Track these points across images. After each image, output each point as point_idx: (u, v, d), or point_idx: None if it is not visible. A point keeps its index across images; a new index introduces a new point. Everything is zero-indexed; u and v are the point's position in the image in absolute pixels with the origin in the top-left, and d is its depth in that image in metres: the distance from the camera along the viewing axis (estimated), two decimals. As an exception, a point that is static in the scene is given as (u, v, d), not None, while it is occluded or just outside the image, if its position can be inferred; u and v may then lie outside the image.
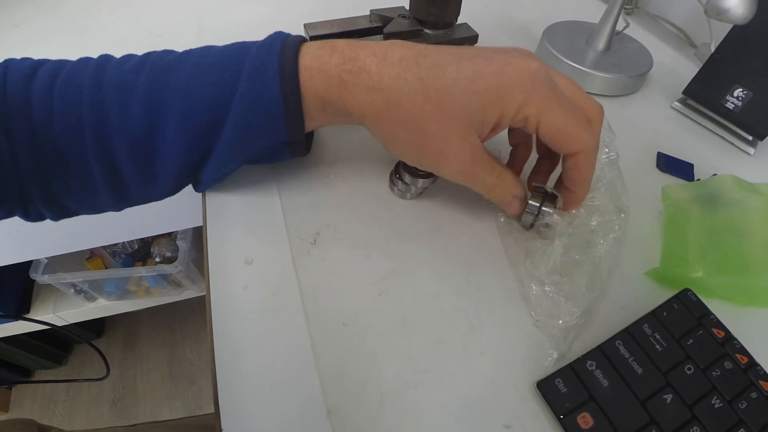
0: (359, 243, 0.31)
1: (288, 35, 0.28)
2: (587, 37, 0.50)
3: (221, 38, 0.56)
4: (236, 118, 0.26)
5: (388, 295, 0.28)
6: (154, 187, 0.30)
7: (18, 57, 0.56)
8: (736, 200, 0.31)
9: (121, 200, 0.31)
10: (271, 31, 0.28)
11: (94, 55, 0.29)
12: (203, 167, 0.29)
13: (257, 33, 0.29)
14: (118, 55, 0.29)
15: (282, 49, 0.26)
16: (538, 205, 0.30)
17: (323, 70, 0.26)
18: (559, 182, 0.31)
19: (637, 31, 0.60)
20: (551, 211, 0.29)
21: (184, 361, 1.45)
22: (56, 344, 1.32)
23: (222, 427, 0.23)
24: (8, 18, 0.64)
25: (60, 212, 0.31)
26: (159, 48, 0.49)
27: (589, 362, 0.25)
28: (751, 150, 0.43)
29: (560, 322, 0.27)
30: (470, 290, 0.29)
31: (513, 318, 0.28)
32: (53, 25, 0.62)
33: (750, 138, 0.43)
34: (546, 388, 0.24)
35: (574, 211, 0.30)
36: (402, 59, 0.25)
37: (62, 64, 0.28)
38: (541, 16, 0.59)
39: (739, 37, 0.40)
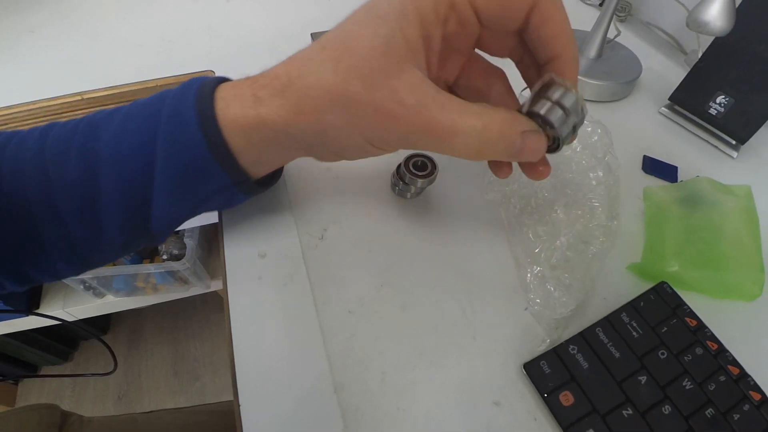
0: (363, 238, 0.33)
1: (209, 78, 0.27)
2: (580, 45, 0.52)
3: (231, 44, 0.58)
4: (162, 161, 0.25)
5: (388, 285, 0.31)
6: (102, 242, 0.28)
7: (34, 61, 0.58)
8: (711, 201, 0.34)
9: (75, 262, 0.30)
10: (278, 39, 0.29)
11: (110, 59, 0.30)
12: (148, 218, 0.27)
13: (266, 40, 0.31)
14: (133, 60, 0.31)
15: (199, 87, 0.25)
16: (546, 100, 0.23)
17: (237, 95, 0.24)
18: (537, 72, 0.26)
19: (629, 38, 0.63)
20: (560, 93, 0.23)
21: (188, 358, 1.47)
22: (62, 341, 1.34)
23: (240, 403, 0.25)
24: (23, 22, 0.66)
25: (21, 280, 0.30)
26: (173, 52, 0.51)
27: (571, 347, 0.27)
28: (734, 153, 0.45)
29: (557, 313, 0.29)
30: (464, 281, 0.31)
31: (502, 306, 0.31)
32: (68, 30, 0.64)
33: (733, 142, 0.45)
34: (532, 369, 0.27)
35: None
36: (308, 49, 0.23)
37: (15, 133, 0.28)
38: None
39: (721, 47, 0.43)
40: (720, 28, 0.37)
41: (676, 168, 0.42)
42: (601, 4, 0.51)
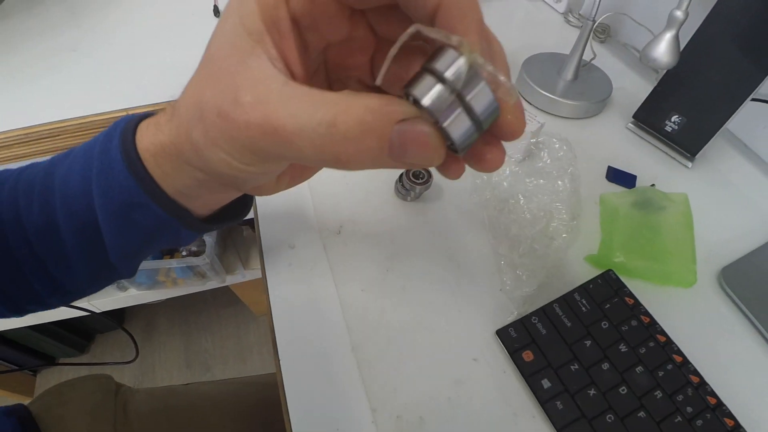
0: (371, 233, 0.41)
1: (135, 114, 0.26)
2: (559, 67, 0.60)
3: None
4: (98, 198, 0.25)
5: (393, 270, 0.39)
6: (74, 275, 0.30)
7: (80, 78, 0.64)
8: (655, 206, 0.42)
9: (59, 294, 0.31)
10: None
11: (150, 78, 0.34)
12: (105, 251, 0.27)
13: None
14: (171, 79, 0.33)
15: (125, 122, 0.25)
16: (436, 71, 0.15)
17: (150, 125, 0.24)
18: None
19: (607, 58, 0.70)
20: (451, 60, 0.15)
21: (200, 350, 1.53)
22: (80, 333, 1.40)
23: (279, 357, 0.33)
24: (65, 41, 0.74)
25: (16, 310, 0.32)
26: None
27: (533, 318, 0.36)
28: (689, 164, 0.53)
29: (522, 292, 0.37)
30: (452, 267, 0.40)
31: (482, 287, 0.39)
32: (108, 49, 0.71)
33: (687, 154, 0.53)
34: (502, 334, 0.35)
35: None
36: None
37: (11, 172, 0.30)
38: (526, 44, 0.69)
39: (675, 75, 0.51)
40: (666, 63, 0.45)
41: (635, 177, 0.50)
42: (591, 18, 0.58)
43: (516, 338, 0.35)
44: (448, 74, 0.15)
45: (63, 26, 0.77)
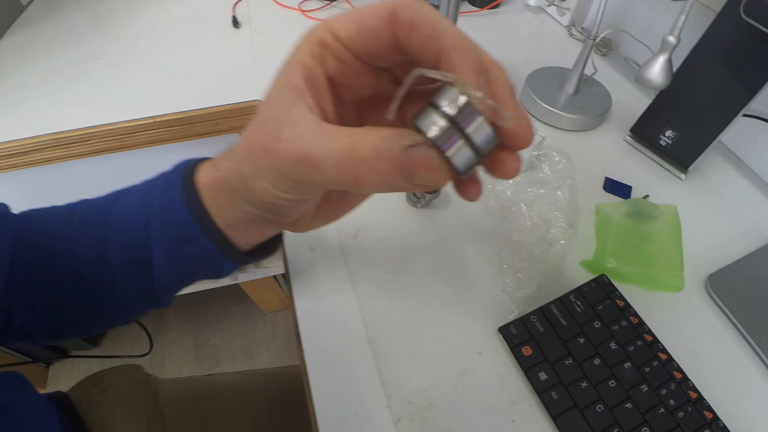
0: (385, 237, 0.45)
1: (194, 159, 0.30)
2: (561, 82, 0.64)
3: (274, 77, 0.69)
4: (156, 231, 0.28)
5: (404, 271, 0.43)
6: (117, 303, 0.32)
7: (106, 87, 0.67)
8: (646, 216, 0.45)
9: (99, 320, 0.34)
10: None
11: (173, 87, 0.36)
12: (152, 282, 0.30)
13: None
14: (193, 89, 0.37)
15: (186, 164, 0.29)
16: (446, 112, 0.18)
17: (209, 165, 0.28)
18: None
19: (607, 71, 0.74)
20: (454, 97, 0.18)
21: (209, 345, 1.56)
22: None
23: (303, 349, 0.37)
24: (90, 50, 0.77)
25: (54, 335, 0.34)
26: (228, 82, 0.62)
27: (532, 316, 0.39)
28: (683, 176, 0.57)
29: (523, 292, 0.41)
30: (459, 269, 0.43)
31: (486, 287, 0.42)
32: (132, 59, 0.74)
33: (681, 167, 0.57)
34: (504, 331, 0.39)
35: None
36: None
37: (49, 210, 0.34)
38: (530, 57, 0.73)
39: (669, 93, 0.54)
40: (660, 83, 0.48)
41: (630, 188, 0.54)
42: (586, 38, 0.61)
43: (516, 334, 0.38)
44: (447, 108, 0.18)
45: (87, 34, 0.81)
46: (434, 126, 0.18)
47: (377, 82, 0.24)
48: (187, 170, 0.28)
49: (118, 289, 0.31)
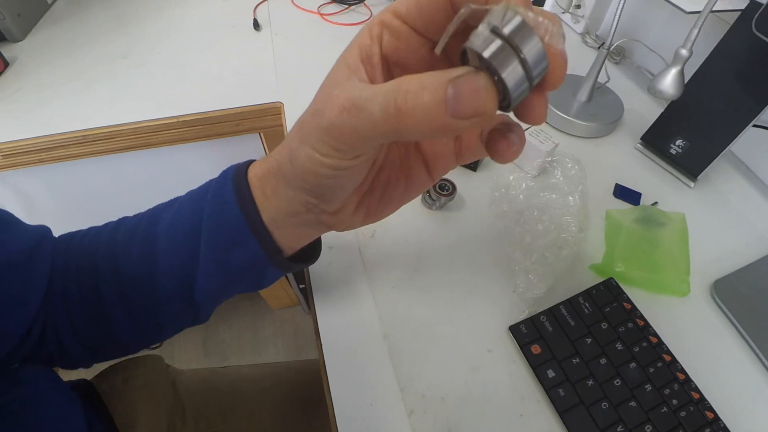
0: (401, 237, 0.47)
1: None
2: (575, 89, 0.65)
3: (294, 80, 0.71)
4: (205, 234, 0.29)
5: (419, 270, 0.44)
6: (157, 318, 0.33)
7: (131, 86, 0.69)
8: (655, 223, 0.47)
9: (138, 336, 0.35)
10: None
11: (196, 88, 0.39)
12: (193, 291, 0.31)
13: (321, 75, 0.41)
14: (215, 89, 0.39)
15: (237, 165, 0.30)
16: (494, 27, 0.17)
17: (265, 158, 0.29)
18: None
19: (621, 79, 0.75)
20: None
21: (217, 340, 1.59)
22: None
23: (322, 343, 0.39)
24: (115, 50, 0.80)
25: (96, 355, 0.35)
26: (248, 84, 0.63)
27: (542, 316, 0.41)
28: (692, 184, 0.58)
29: (534, 293, 0.43)
30: (472, 269, 0.45)
31: (497, 288, 0.44)
32: (156, 59, 0.76)
33: (691, 176, 0.58)
34: (514, 330, 0.40)
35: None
36: None
37: (90, 229, 0.35)
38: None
39: (681, 103, 0.55)
40: (671, 94, 0.49)
41: (640, 194, 0.55)
42: (600, 47, 0.62)
43: (526, 333, 0.40)
44: (500, 27, 0.16)
45: (112, 34, 0.83)
46: (488, 45, 0.17)
47: (433, 61, 0.24)
48: (240, 168, 0.29)
49: (159, 300, 0.32)
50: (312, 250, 0.35)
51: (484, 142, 0.23)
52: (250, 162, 0.30)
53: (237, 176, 0.29)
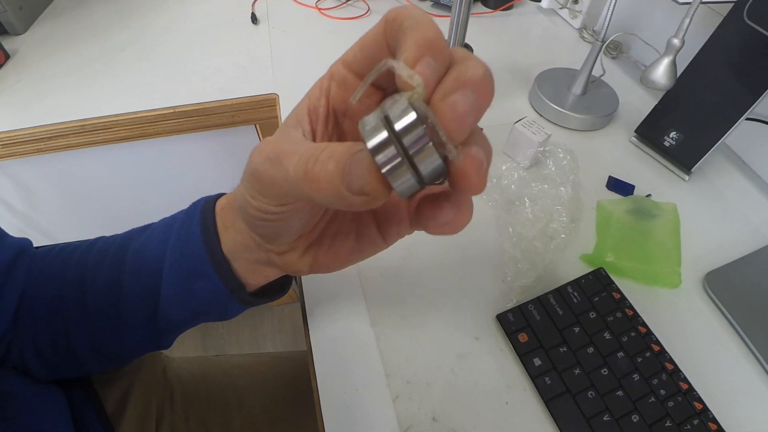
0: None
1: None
2: (570, 83, 0.65)
3: (291, 73, 0.71)
4: (168, 264, 0.30)
5: (409, 258, 0.44)
6: (119, 340, 0.33)
7: (130, 77, 0.70)
8: (646, 214, 0.47)
9: (98, 356, 0.34)
10: (326, 68, 0.35)
11: (193, 80, 0.41)
12: (156, 316, 0.32)
13: (316, 69, 0.42)
14: (213, 82, 0.41)
15: (206, 201, 0.30)
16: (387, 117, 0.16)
17: (230, 192, 0.30)
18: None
19: (617, 73, 0.75)
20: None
21: (216, 335, 1.60)
22: None
23: (309, 329, 0.39)
24: (115, 43, 0.80)
25: (53, 371, 0.35)
26: (246, 76, 0.64)
27: (530, 305, 0.41)
28: (686, 176, 0.57)
29: (523, 282, 0.43)
30: (462, 257, 0.45)
31: (487, 276, 0.44)
32: (154, 51, 0.77)
33: (685, 168, 0.58)
34: (502, 318, 0.40)
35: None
36: None
37: (67, 245, 0.35)
38: (542, 58, 0.74)
39: (674, 95, 0.55)
40: (664, 85, 0.49)
41: (633, 186, 0.55)
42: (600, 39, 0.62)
43: (513, 322, 0.40)
44: (393, 117, 0.15)
45: (112, 27, 0.84)
46: (374, 135, 0.16)
47: None
48: (209, 200, 0.30)
49: (121, 324, 0.32)
50: (278, 287, 0.35)
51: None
52: (221, 195, 0.31)
53: (205, 208, 0.30)
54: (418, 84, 0.16)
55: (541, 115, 0.64)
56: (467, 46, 0.67)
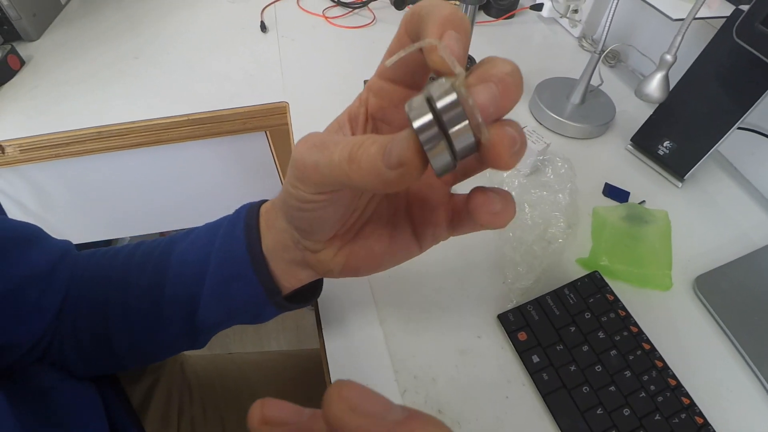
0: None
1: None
2: (568, 92, 0.68)
3: (300, 81, 0.74)
4: (212, 267, 0.31)
5: (414, 260, 0.47)
6: (158, 337, 0.35)
7: (143, 84, 0.72)
8: (639, 220, 0.49)
9: (136, 353, 0.36)
10: (334, 77, 0.37)
11: (205, 87, 0.42)
12: (195, 319, 0.33)
13: (323, 78, 0.43)
14: (224, 89, 0.43)
15: (251, 206, 0.32)
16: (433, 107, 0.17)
17: (273, 201, 0.31)
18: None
19: (615, 82, 0.77)
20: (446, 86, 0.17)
21: (220, 334, 1.60)
22: None
23: (322, 327, 0.42)
24: (128, 49, 0.83)
25: (91, 368, 0.37)
26: (256, 84, 0.66)
27: (529, 306, 0.43)
28: (680, 184, 0.60)
29: (522, 284, 0.45)
30: (464, 261, 0.48)
31: (487, 279, 0.47)
32: (167, 59, 0.80)
33: (678, 176, 0.60)
34: (502, 318, 0.43)
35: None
36: None
37: (111, 248, 0.37)
38: (542, 66, 0.76)
39: (668, 106, 0.58)
40: (657, 98, 0.52)
41: (628, 193, 0.57)
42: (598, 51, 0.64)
43: (513, 321, 0.43)
44: (435, 100, 0.17)
45: (124, 35, 0.86)
46: (418, 111, 0.17)
47: None
48: (254, 204, 0.32)
49: (162, 324, 0.33)
50: (310, 293, 0.37)
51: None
52: (265, 200, 0.33)
53: (250, 210, 0.31)
54: (459, 72, 0.17)
55: (541, 124, 0.67)
56: (469, 58, 0.70)
